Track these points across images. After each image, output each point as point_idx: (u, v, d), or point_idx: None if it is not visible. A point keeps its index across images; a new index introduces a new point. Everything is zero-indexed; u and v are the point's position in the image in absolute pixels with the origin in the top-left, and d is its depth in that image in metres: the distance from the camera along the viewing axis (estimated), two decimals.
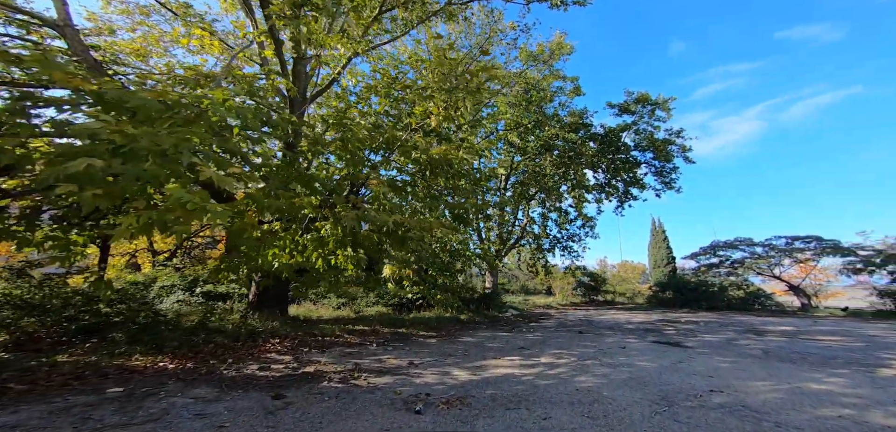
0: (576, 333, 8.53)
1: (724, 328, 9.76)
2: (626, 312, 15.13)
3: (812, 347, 6.74)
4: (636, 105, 14.42)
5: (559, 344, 6.89)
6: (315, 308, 10.66)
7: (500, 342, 7.15)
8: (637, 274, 31.75)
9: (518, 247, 18.63)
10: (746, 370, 4.91)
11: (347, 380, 4.06)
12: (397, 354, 5.63)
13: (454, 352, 5.94)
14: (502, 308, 13.20)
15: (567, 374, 4.60)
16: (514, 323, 10.63)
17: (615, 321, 11.36)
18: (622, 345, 6.76)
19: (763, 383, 4.27)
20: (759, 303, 16.66)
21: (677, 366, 5.07)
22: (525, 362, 5.32)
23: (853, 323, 11.72)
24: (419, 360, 5.25)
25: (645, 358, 5.62)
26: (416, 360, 5.26)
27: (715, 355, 5.95)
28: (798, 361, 5.56)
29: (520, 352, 6.04)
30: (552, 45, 15.38)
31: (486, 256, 10.43)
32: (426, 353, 5.79)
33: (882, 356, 6.02)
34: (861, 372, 4.93)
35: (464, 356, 5.67)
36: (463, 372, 4.63)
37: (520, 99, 15.11)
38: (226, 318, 5.86)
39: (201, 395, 3.41)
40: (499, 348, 6.46)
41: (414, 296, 10.25)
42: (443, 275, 10.56)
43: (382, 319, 9.09)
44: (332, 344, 5.94)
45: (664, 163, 14.77)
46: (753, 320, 11.90)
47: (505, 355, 5.83)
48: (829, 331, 9.21)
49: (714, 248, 19.46)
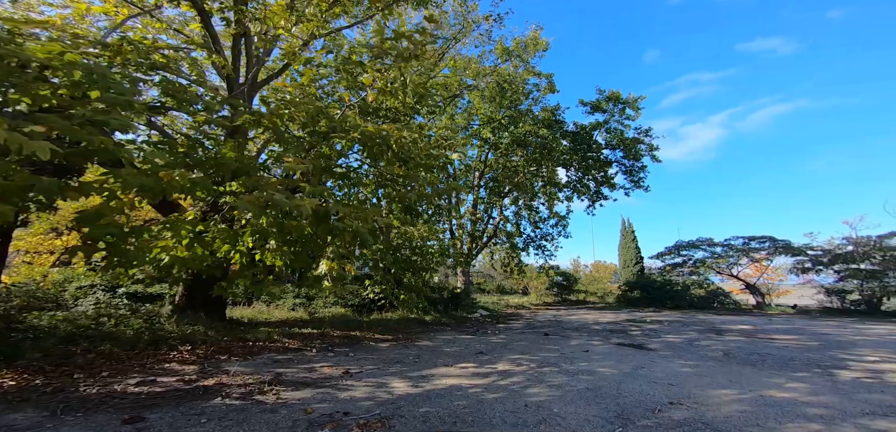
0: (541, 335, 8.09)
1: (687, 327, 9.65)
2: (595, 312, 15.00)
3: (771, 348, 6.58)
4: (607, 103, 14.33)
5: (521, 349, 6.39)
6: (268, 310, 9.70)
7: (459, 346, 6.57)
8: (609, 273, 32.21)
9: (491, 246, 18.18)
10: (708, 376, 4.55)
11: (251, 396, 3.32)
12: (337, 361, 4.92)
13: (404, 359, 5.29)
14: (472, 308, 12.67)
15: (520, 385, 4.06)
16: (482, 324, 10.11)
17: (583, 321, 11.08)
18: (585, 349, 6.34)
19: (725, 392, 3.89)
20: (718, 302, 17.07)
21: (638, 373, 4.65)
22: (479, 370, 4.75)
23: (803, 320, 12.02)
24: (359, 369, 4.57)
25: (606, 364, 5.19)
26: (355, 369, 4.58)
27: (677, 358, 5.62)
28: (758, 364, 5.30)
29: (477, 358, 5.47)
30: (527, 41, 15.04)
31: (453, 254, 9.85)
32: (372, 360, 5.11)
33: (837, 356, 5.90)
34: (821, 375, 4.69)
35: (413, 363, 5.03)
36: (403, 384, 3.99)
37: (494, 93, 14.68)
38: (128, 323, 4.93)
39: (14, 423, 2.57)
40: (456, 353, 5.87)
41: (375, 296, 9.50)
42: (408, 273, 9.89)
43: (338, 321, 8.30)
44: (262, 351, 5.14)
45: (633, 162, 14.79)
46: (714, 319, 11.97)
47: (460, 361, 5.24)
48: (784, 330, 9.26)
49: (678, 248, 19.83)
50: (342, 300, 9.80)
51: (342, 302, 9.74)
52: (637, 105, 13.97)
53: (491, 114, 14.99)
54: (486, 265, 26.00)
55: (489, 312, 13.22)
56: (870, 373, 4.79)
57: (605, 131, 14.71)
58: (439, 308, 11.35)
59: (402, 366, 4.86)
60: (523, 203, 16.86)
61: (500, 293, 27.22)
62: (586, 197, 16.67)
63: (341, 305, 9.70)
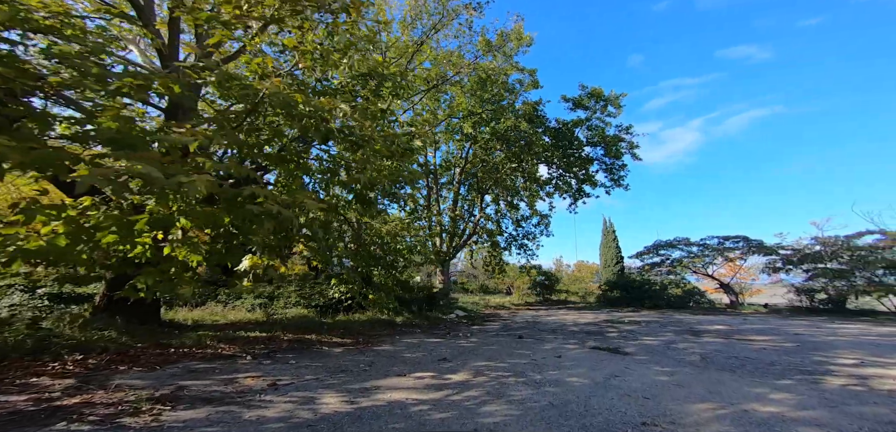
0: (515, 339, 7.52)
1: (664, 329, 9.28)
2: (575, 312, 14.61)
3: (749, 351, 6.19)
4: (590, 99, 13.99)
5: (490, 354, 5.78)
6: (223, 311, 8.80)
7: (423, 351, 5.91)
8: (591, 273, 32.18)
9: (471, 244, 17.60)
10: (686, 386, 4.04)
11: (114, 419, 2.58)
12: (269, 371, 4.18)
13: (352, 367, 4.59)
14: (449, 309, 12.03)
15: (476, 401, 3.43)
16: (456, 326, 9.48)
17: (562, 323, 10.60)
18: (558, 354, 5.78)
19: (705, 407, 3.37)
20: (694, 301, 17.05)
21: (611, 383, 4.10)
22: (434, 381, 4.10)
23: (776, 320, 11.92)
24: (291, 380, 3.85)
25: (578, 372, 4.63)
26: (287, 380, 3.86)
27: (653, 364, 5.13)
28: (738, 370, 4.85)
29: (437, 366, 4.82)
30: (511, 35, 14.54)
31: (423, 251, 9.19)
32: (314, 369, 4.39)
33: (817, 359, 5.54)
34: (805, 382, 4.25)
35: (361, 372, 4.34)
36: (336, 399, 3.31)
37: (475, 86, 14.12)
38: (12, 328, 4.06)
39: None
40: (416, 360, 5.21)
41: (341, 296, 8.74)
42: (378, 270, 9.17)
43: (297, 323, 7.50)
44: (183, 359, 4.35)
45: (614, 160, 14.50)
46: (690, 319, 11.72)
47: (417, 370, 4.58)
48: (759, 330, 9.00)
49: (656, 247, 19.77)
50: (305, 300, 8.99)
51: (305, 302, 8.94)
52: (619, 102, 13.69)
53: (472, 107, 14.43)
54: (468, 264, 25.38)
55: (467, 313, 12.61)
56: (855, 380, 4.39)
57: (586, 128, 14.37)
58: (413, 308, 10.66)
59: (347, 377, 4.16)
60: (504, 201, 16.38)
61: (484, 292, 26.71)
62: (568, 195, 16.33)
63: (304, 306, 8.89)
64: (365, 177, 4.07)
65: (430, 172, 16.95)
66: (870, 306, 14.25)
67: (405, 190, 16.17)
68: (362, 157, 4.19)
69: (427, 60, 14.81)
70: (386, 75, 5.80)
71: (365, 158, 4.08)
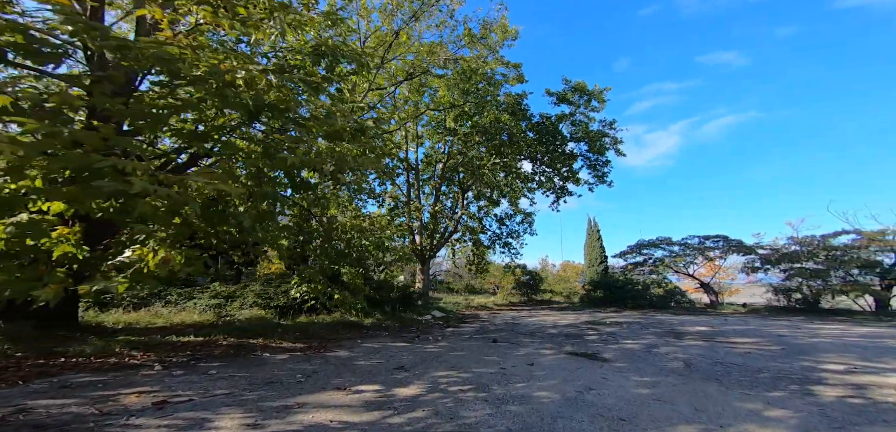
0: (488, 342, 6.88)
1: (646, 330, 8.81)
2: (558, 313, 14.12)
3: (734, 356, 5.71)
4: (574, 94, 13.52)
5: (455, 361, 5.12)
6: (169, 313, 7.87)
7: (380, 358, 5.20)
8: (577, 273, 31.98)
9: (451, 243, 16.95)
10: (668, 401, 3.46)
11: None
12: (171, 385, 3.40)
13: (285, 379, 3.85)
14: (425, 310, 11.33)
15: (418, 426, 2.75)
16: (429, 328, 8.79)
17: (542, 324, 10.04)
18: (531, 362, 5.16)
19: (690, 430, 2.78)
20: (675, 301, 16.86)
21: (584, 399, 3.49)
22: (377, 397, 3.41)
23: (756, 320, 11.67)
24: (192, 396, 3.10)
25: (549, 384, 4.01)
26: (185, 396, 3.11)
27: (633, 372, 4.55)
28: (724, 379, 4.32)
29: (389, 377, 4.12)
30: (496, 27, 13.96)
31: (389, 248, 8.47)
32: (235, 381, 3.63)
33: (806, 365, 5.07)
34: (799, 394, 3.74)
35: (293, 385, 3.61)
36: (235, 423, 2.59)
37: (458, 79, 13.49)
38: None
39: None
40: (367, 369, 4.50)
41: (302, 296, 7.93)
42: (345, 268, 8.40)
43: (246, 327, 6.67)
44: (67, 370, 3.54)
45: (598, 157, 14.08)
46: (672, 320, 11.34)
47: (362, 383, 3.87)
48: (741, 332, 8.62)
49: (639, 247, 19.54)
50: (264, 301, 8.14)
51: (264, 303, 8.09)
52: (602, 97, 13.26)
53: (454, 100, 13.79)
54: (451, 263, 24.71)
55: (445, 314, 11.93)
56: (852, 390, 3.90)
57: (570, 123, 13.90)
58: (386, 309, 9.92)
59: (271, 391, 3.42)
60: (485, 198, 15.80)
61: (469, 292, 26.13)
62: (552, 192, 15.86)
63: (262, 306, 8.04)
64: (297, 156, 3.35)
65: (412, 168, 16.26)
66: (845, 305, 14.24)
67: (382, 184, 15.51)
68: (297, 135, 3.46)
69: (410, 52, 14.11)
70: (342, 51, 5.07)
71: (296, 137, 3.35)
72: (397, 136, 15.84)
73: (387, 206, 15.62)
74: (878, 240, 14.07)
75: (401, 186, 15.87)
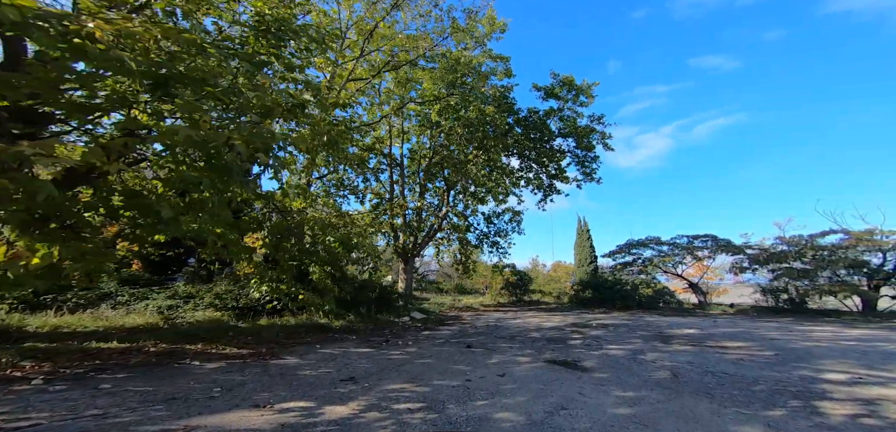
0: (462, 348, 6.25)
1: (633, 333, 8.28)
2: (545, 314, 13.57)
3: (725, 364, 5.16)
4: (562, 88, 12.97)
5: (416, 372, 4.48)
6: (118, 315, 7.09)
7: (334, 365, 4.54)
8: (568, 273, 31.55)
9: (438, 241, 16.30)
10: (652, 426, 2.87)
11: None
12: (34, 405, 2.71)
13: (197, 394, 3.17)
14: (404, 311, 10.67)
15: None
16: (403, 331, 8.13)
17: (525, 326, 9.46)
18: (502, 372, 4.54)
19: None
20: (663, 301, 16.50)
21: (553, 422, 2.88)
22: (297, 419, 2.77)
23: (746, 321, 11.25)
24: (53, 416, 2.42)
25: (516, 402, 3.39)
26: (31, 421, 2.42)
27: (614, 385, 3.96)
28: (716, 393, 3.75)
29: (332, 390, 3.47)
30: (483, 19, 13.37)
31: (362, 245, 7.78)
32: (130, 395, 2.96)
33: (804, 374, 4.55)
34: (803, 413, 3.18)
35: (203, 401, 2.94)
36: None
37: (443, 73, 12.87)
38: None
39: None
40: (311, 380, 3.84)
41: (262, 296, 7.21)
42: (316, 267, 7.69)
43: (192, 330, 5.92)
44: None
45: (586, 153, 13.57)
46: (660, 321, 10.85)
47: (295, 397, 3.21)
48: (731, 335, 8.13)
49: (628, 246, 19.14)
50: (221, 302, 7.40)
51: (220, 304, 7.35)
52: (591, 92, 12.73)
53: (438, 93, 13.15)
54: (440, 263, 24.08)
55: (425, 315, 11.29)
56: (861, 406, 3.37)
57: (558, 119, 13.36)
58: (361, 310, 9.23)
59: (163, 411, 2.75)
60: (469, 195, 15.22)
61: (459, 293, 25.49)
62: (540, 190, 15.31)
63: (219, 308, 7.30)
64: (182, 133, 2.68)
65: (397, 164, 15.62)
66: (832, 306, 13.94)
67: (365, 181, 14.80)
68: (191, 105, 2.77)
69: (395, 45, 13.45)
70: (289, 25, 4.40)
71: (190, 106, 2.68)
72: (382, 131, 15.20)
73: (370, 203, 14.94)
74: (865, 239, 13.79)
75: (384, 183, 15.21)
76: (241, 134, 2.86)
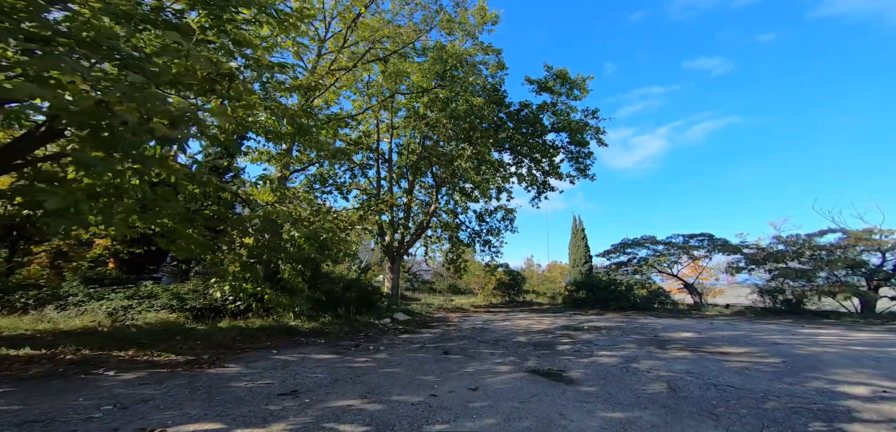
0: (440, 354, 5.62)
1: (626, 337, 7.67)
2: (536, 315, 12.95)
3: (729, 374, 4.56)
4: (555, 82, 12.39)
5: (375, 383, 3.84)
6: (68, 316, 6.40)
7: (277, 376, 3.89)
8: (564, 273, 30.97)
9: (427, 240, 15.66)
10: None
11: None
12: None
13: (76, 414, 2.50)
14: (386, 312, 10.01)
15: None
16: (380, 334, 7.48)
17: (513, 329, 8.83)
18: (474, 386, 3.90)
19: None
20: (658, 302, 15.97)
21: None
22: None
23: (744, 323, 10.69)
24: None
25: (481, 427, 2.76)
26: None
27: (601, 403, 3.34)
28: (721, 412, 3.14)
29: (261, 406, 2.82)
30: (474, 12, 12.78)
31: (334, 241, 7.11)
32: None
33: (819, 386, 3.95)
34: None
35: (69, 426, 2.28)
36: None
37: (432, 65, 12.27)
38: None
39: None
40: (242, 394, 3.19)
41: (224, 297, 6.54)
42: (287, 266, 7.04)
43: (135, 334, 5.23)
44: None
45: (579, 148, 12.99)
46: (655, 324, 10.27)
47: (206, 418, 2.55)
48: (731, 339, 7.55)
49: (623, 246, 18.59)
50: (176, 303, 6.72)
51: (175, 305, 6.67)
52: (585, 85, 12.17)
53: (426, 85, 12.55)
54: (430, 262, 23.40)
55: (409, 316, 10.64)
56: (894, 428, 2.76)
57: (551, 114, 12.78)
58: (339, 311, 8.56)
59: None
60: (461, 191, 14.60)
61: (452, 293, 24.88)
62: (533, 186, 14.72)
63: (174, 309, 6.62)
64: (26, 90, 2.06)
65: (386, 160, 14.98)
66: (829, 307, 13.43)
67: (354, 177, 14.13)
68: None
69: (385, 37, 12.83)
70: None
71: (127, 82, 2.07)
72: (371, 125, 14.56)
73: (356, 199, 14.29)
74: (864, 239, 13.31)
75: (372, 179, 14.57)
76: (129, 99, 2.21)
